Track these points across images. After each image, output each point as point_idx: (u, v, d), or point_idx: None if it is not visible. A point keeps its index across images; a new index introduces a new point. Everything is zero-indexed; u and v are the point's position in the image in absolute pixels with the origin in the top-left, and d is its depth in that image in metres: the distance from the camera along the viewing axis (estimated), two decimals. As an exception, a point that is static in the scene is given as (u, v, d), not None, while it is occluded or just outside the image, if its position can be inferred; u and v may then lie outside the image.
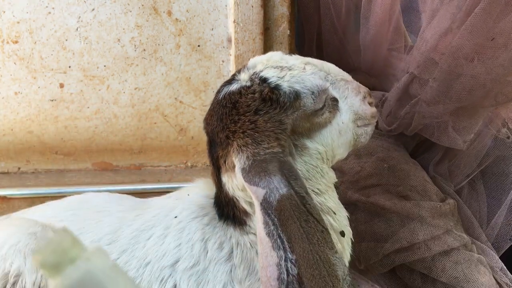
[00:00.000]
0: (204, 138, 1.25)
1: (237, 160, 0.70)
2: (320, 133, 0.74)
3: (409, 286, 1.10)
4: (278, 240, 0.63)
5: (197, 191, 0.83)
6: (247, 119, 0.70)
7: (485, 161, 1.14)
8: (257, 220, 0.66)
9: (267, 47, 1.20)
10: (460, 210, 1.15)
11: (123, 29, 1.17)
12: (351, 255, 0.87)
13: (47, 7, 1.13)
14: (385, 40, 1.34)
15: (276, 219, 0.63)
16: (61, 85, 1.17)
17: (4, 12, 1.12)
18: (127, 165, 1.23)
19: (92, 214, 0.83)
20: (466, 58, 1.03)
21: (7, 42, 1.14)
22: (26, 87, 1.16)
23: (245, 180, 0.67)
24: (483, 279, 1.01)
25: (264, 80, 0.71)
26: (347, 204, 1.16)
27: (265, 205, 0.65)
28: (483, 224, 1.17)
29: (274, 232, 0.63)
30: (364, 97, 0.78)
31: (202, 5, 1.18)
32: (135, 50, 1.18)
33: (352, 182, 1.16)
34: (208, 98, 1.23)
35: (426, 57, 1.11)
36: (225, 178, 0.75)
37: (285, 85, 0.71)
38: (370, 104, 0.79)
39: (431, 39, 1.10)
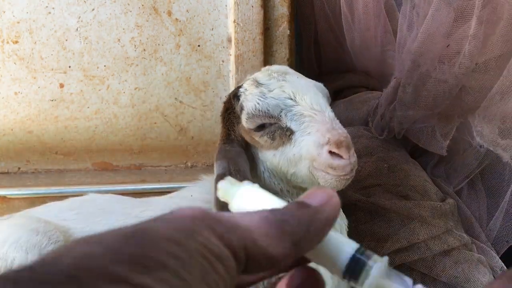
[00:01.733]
0: (204, 138, 1.26)
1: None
2: (264, 152, 0.79)
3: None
4: None
5: (201, 190, 0.86)
6: (223, 115, 0.83)
7: (483, 161, 1.14)
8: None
9: (267, 47, 1.20)
10: (460, 210, 1.15)
11: (123, 29, 1.16)
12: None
13: (47, 7, 1.13)
14: (374, 45, 1.35)
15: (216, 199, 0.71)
16: (61, 85, 1.17)
17: (4, 12, 1.12)
18: (127, 165, 1.23)
19: (95, 213, 0.84)
20: (430, 64, 1.05)
21: (7, 42, 1.14)
22: (26, 87, 1.16)
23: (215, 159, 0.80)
24: (483, 278, 1.01)
25: (238, 87, 0.81)
26: (347, 204, 1.16)
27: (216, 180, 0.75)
28: (483, 224, 1.17)
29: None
30: (325, 144, 0.71)
31: (202, 5, 1.18)
32: (135, 50, 1.18)
33: (352, 182, 1.16)
34: (208, 98, 1.23)
35: (404, 62, 1.12)
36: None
37: (241, 98, 0.79)
38: (332, 153, 0.71)
39: (404, 44, 1.12)
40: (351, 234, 0.93)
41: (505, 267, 1.08)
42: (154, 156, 1.24)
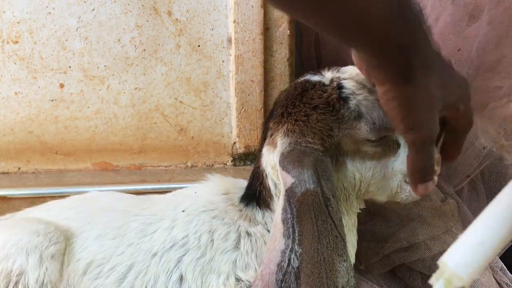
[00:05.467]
0: (204, 138, 1.26)
1: (280, 142, 0.72)
2: (363, 162, 0.72)
3: (409, 286, 1.10)
4: (291, 229, 0.64)
5: (205, 189, 0.84)
6: (304, 110, 0.72)
7: (484, 161, 1.14)
8: (278, 204, 0.68)
9: (267, 47, 1.20)
10: (460, 210, 1.15)
11: (123, 29, 1.17)
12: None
13: (47, 7, 1.13)
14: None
15: (295, 209, 0.65)
16: (61, 85, 1.17)
17: (4, 12, 1.12)
18: (127, 165, 1.23)
19: (96, 211, 0.84)
20: None
21: (7, 42, 1.14)
22: (26, 87, 1.16)
23: (279, 164, 0.69)
24: (483, 278, 1.01)
25: (340, 87, 0.72)
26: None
27: (290, 193, 0.66)
28: (483, 224, 1.17)
29: (289, 220, 0.65)
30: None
31: (202, 5, 1.18)
32: (135, 50, 1.18)
33: (352, 182, 1.16)
34: (208, 98, 1.23)
35: None
36: (264, 150, 0.77)
37: (353, 101, 0.70)
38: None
39: None
40: (351, 234, 0.94)
41: (505, 267, 1.08)
42: (154, 156, 1.24)
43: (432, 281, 0.39)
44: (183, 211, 0.80)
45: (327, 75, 0.75)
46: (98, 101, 1.19)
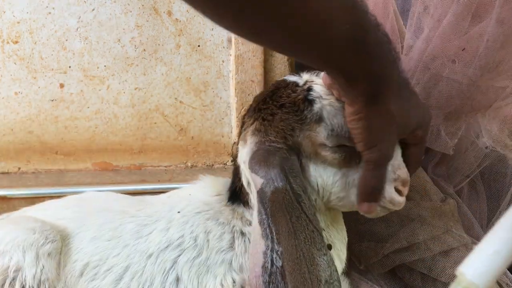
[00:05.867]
0: (204, 138, 1.26)
1: (250, 141, 0.74)
2: (325, 168, 0.73)
3: (409, 286, 1.10)
4: (268, 229, 0.65)
5: (199, 190, 0.85)
6: (271, 108, 0.73)
7: (484, 161, 1.14)
8: (254, 207, 0.69)
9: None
10: (460, 210, 1.15)
11: (123, 29, 1.17)
12: (351, 256, 0.87)
13: (47, 7, 1.13)
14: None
15: (268, 209, 0.65)
16: (61, 85, 1.17)
17: (4, 12, 1.12)
18: (127, 165, 1.23)
19: (92, 211, 0.84)
20: (442, 65, 1.04)
21: (7, 42, 1.14)
22: (26, 87, 1.16)
23: (248, 166, 0.70)
24: (483, 279, 1.01)
25: (309, 89, 0.73)
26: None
27: (261, 194, 0.67)
28: (483, 225, 1.17)
29: (265, 221, 0.65)
30: (394, 181, 0.72)
31: (202, 5, 1.18)
32: (135, 50, 1.18)
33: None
34: (208, 98, 1.23)
35: (411, 62, 1.12)
36: (240, 143, 0.78)
37: (318, 105, 0.71)
38: (398, 191, 0.73)
39: (412, 45, 1.12)
40: (351, 234, 0.93)
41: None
42: (154, 156, 1.24)
43: None
44: (179, 212, 0.80)
45: (304, 77, 0.76)
46: (98, 101, 1.19)
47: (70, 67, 1.16)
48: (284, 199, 0.65)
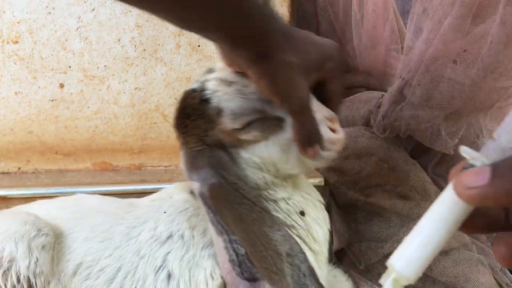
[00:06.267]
0: (204, 138, 1.26)
1: (180, 155, 0.77)
2: (254, 147, 0.74)
3: (409, 286, 1.10)
4: (219, 225, 0.68)
5: (178, 191, 0.87)
6: (183, 122, 0.76)
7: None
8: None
9: (267, 47, 1.20)
10: (460, 210, 1.15)
11: (123, 29, 1.17)
12: (351, 255, 0.86)
13: (47, 7, 1.13)
14: (379, 43, 1.35)
15: (212, 207, 0.68)
16: (61, 85, 1.17)
17: (4, 12, 1.12)
18: (127, 165, 1.23)
19: (84, 213, 0.85)
20: (443, 66, 1.04)
21: (7, 42, 1.14)
22: (26, 87, 1.16)
23: (186, 177, 0.75)
24: (483, 279, 1.01)
25: (203, 90, 0.75)
26: (347, 204, 1.16)
27: (202, 196, 0.70)
28: (483, 224, 1.17)
29: (214, 219, 0.68)
30: (323, 120, 0.72)
31: (202, 5, 1.18)
32: (135, 50, 1.18)
33: (352, 182, 1.16)
34: (208, 98, 1.23)
35: (412, 63, 1.12)
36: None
37: (215, 100, 0.73)
38: (333, 130, 0.72)
39: (412, 45, 1.12)
40: (351, 235, 0.93)
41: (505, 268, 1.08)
42: (154, 156, 1.24)
43: (381, 281, 0.44)
44: (165, 212, 0.82)
45: (201, 78, 0.77)
46: (98, 101, 1.19)
47: (70, 67, 1.16)
48: (222, 192, 0.69)
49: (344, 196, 1.15)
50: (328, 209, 0.87)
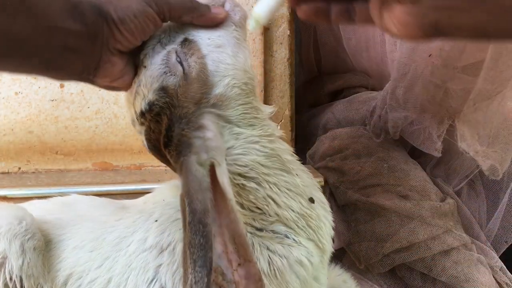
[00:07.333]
0: (204, 138, 1.26)
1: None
2: (207, 77, 0.67)
3: (409, 286, 1.10)
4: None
5: (172, 194, 0.82)
6: (154, 149, 0.76)
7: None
8: None
9: (267, 47, 1.21)
10: (460, 210, 1.15)
11: (124, 29, 1.17)
12: (351, 255, 0.85)
13: (47, 7, 1.13)
14: (373, 46, 1.35)
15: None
16: (61, 85, 1.17)
17: (5, 12, 1.12)
18: (127, 165, 1.23)
19: (75, 219, 0.83)
20: (415, 70, 1.05)
21: (8, 42, 1.14)
22: (27, 87, 1.16)
23: None
24: (483, 278, 1.01)
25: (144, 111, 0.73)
26: (347, 204, 1.16)
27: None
28: (483, 224, 1.17)
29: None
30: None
31: (202, 5, 1.18)
32: (135, 50, 1.18)
33: (352, 182, 1.16)
34: (208, 98, 1.23)
35: (393, 66, 1.13)
36: None
37: (157, 108, 0.68)
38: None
39: (392, 49, 1.13)
40: (351, 234, 0.93)
41: (505, 267, 1.08)
42: (154, 156, 1.24)
43: (249, 27, 0.67)
44: (156, 221, 0.78)
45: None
46: (98, 101, 1.19)
47: (70, 67, 1.16)
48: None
49: (344, 196, 1.15)
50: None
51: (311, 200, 0.74)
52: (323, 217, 0.75)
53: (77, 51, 0.63)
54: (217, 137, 0.66)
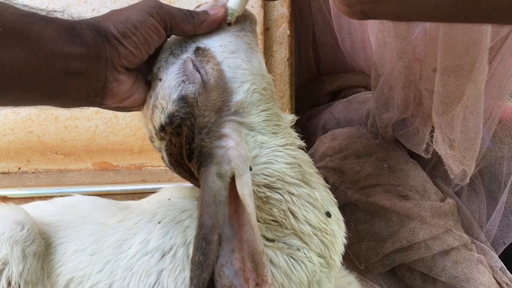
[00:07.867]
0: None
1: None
2: (226, 84, 0.67)
3: (409, 286, 1.10)
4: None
5: (178, 195, 0.81)
6: (174, 163, 0.76)
7: (481, 162, 1.14)
8: None
9: (267, 47, 1.21)
10: (460, 210, 1.15)
11: (124, 29, 1.17)
12: (351, 255, 0.85)
13: (47, 7, 1.13)
14: (369, 47, 1.36)
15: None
16: (62, 85, 1.17)
17: (5, 12, 1.12)
18: (127, 165, 1.23)
19: (76, 221, 0.81)
20: (391, 72, 1.05)
21: (8, 42, 1.14)
22: (27, 87, 1.16)
23: None
24: (483, 278, 1.01)
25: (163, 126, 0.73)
26: (347, 204, 1.16)
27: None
28: (482, 224, 1.17)
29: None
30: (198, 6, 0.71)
31: (202, 6, 1.18)
32: (135, 50, 1.18)
33: (352, 182, 1.16)
34: (208, 98, 1.23)
35: (373, 65, 1.13)
36: None
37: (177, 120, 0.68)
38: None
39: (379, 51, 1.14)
40: (351, 235, 0.93)
41: (505, 267, 1.09)
42: (154, 156, 1.24)
43: (227, 20, 0.71)
44: (159, 223, 0.76)
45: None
46: (98, 101, 1.19)
47: (70, 67, 1.16)
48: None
49: (344, 196, 1.15)
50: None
51: (328, 215, 0.72)
52: (337, 233, 0.73)
53: (80, 74, 0.61)
54: (240, 146, 0.64)
